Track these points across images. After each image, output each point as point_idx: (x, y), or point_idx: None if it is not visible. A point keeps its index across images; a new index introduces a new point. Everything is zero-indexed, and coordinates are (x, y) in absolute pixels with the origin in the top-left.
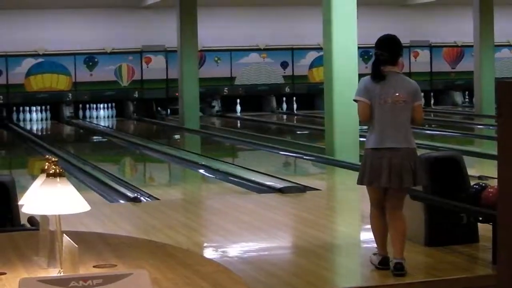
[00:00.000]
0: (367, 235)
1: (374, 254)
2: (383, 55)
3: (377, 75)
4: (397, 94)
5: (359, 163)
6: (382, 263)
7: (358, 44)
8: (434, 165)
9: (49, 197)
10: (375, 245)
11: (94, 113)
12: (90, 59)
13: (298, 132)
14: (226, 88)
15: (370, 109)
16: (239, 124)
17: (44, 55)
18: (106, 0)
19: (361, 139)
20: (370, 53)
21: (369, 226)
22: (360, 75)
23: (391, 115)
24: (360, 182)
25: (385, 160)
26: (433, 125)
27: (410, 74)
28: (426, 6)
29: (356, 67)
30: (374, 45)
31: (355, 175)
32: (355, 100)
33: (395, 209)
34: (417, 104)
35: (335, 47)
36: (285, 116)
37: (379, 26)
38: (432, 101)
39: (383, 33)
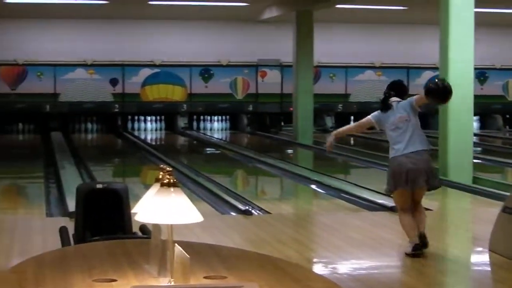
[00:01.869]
0: (478, 258)
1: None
2: (390, 94)
3: (385, 107)
4: (399, 115)
5: (473, 185)
6: (415, 249)
7: (474, 65)
8: None
9: (162, 207)
10: (486, 268)
11: (208, 125)
12: (206, 71)
13: None
14: (340, 105)
15: (367, 125)
16: (352, 141)
17: (160, 65)
18: (223, 13)
19: (475, 160)
20: (486, 74)
21: (480, 249)
22: (476, 96)
23: (402, 133)
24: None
25: (403, 167)
26: None
27: None
28: None
29: (472, 88)
30: (488, 67)
31: (468, 196)
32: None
33: (418, 203)
34: (416, 98)
35: (451, 68)
36: None
37: (496, 47)
38: None
39: (499, 54)
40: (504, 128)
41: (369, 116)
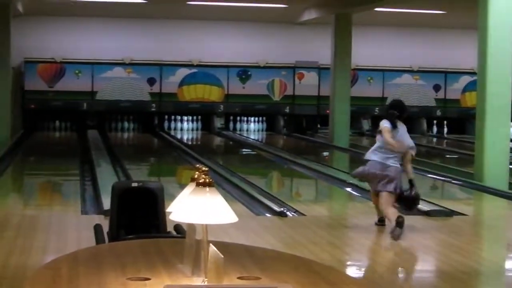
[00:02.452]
0: None
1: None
2: (394, 113)
3: (394, 125)
4: (398, 139)
5: (509, 191)
6: (380, 220)
7: None
8: None
9: (197, 206)
10: None
11: (245, 126)
12: (244, 72)
13: (447, 156)
14: (377, 108)
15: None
16: None
17: (198, 65)
18: (262, 14)
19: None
20: None
21: None
22: None
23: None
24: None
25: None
26: None
27: None
28: None
29: (510, 95)
30: None
31: (503, 202)
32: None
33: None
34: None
35: (489, 73)
36: (435, 139)
37: None
38: None
39: None
40: None
41: (388, 128)
